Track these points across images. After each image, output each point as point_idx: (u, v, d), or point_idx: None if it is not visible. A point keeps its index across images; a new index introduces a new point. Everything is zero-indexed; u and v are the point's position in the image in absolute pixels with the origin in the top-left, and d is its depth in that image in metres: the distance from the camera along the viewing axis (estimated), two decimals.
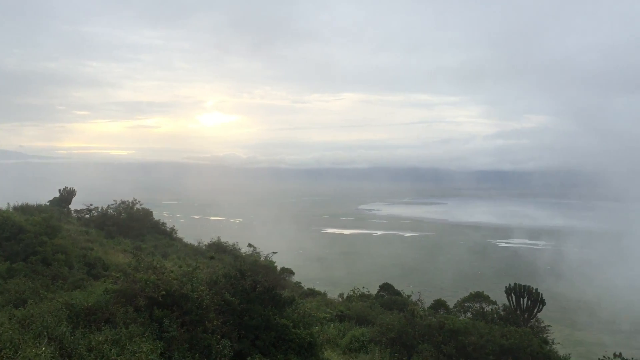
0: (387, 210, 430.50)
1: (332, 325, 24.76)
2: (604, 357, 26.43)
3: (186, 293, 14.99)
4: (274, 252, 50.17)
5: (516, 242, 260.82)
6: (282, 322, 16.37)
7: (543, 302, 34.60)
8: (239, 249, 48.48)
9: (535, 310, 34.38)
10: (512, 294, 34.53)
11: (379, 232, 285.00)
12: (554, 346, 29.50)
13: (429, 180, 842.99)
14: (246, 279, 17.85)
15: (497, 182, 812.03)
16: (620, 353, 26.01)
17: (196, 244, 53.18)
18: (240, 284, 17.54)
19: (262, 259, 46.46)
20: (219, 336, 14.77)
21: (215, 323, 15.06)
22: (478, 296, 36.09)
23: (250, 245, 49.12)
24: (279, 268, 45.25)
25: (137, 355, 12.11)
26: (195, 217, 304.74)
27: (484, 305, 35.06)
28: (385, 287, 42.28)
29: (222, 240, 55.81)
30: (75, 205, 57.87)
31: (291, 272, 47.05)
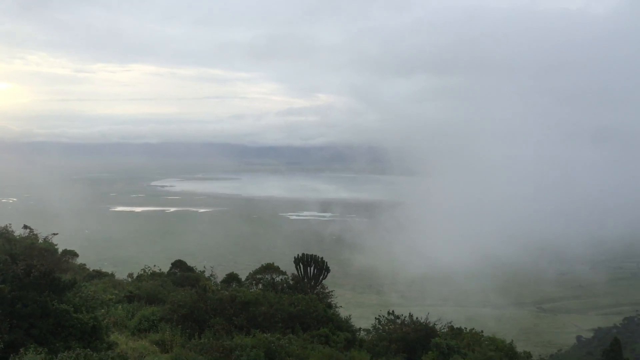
0: (180, 186, 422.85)
1: (120, 306, 23.66)
2: (380, 315, 29.28)
3: None
4: (54, 234, 46.21)
5: (306, 214, 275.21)
6: (62, 307, 15.19)
7: (328, 270, 36.91)
8: (12, 231, 43.63)
9: (321, 277, 36.56)
10: (300, 264, 36.26)
11: (173, 209, 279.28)
12: (337, 309, 31.77)
13: (223, 156, 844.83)
14: (19, 264, 16.23)
15: (288, 157, 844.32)
16: (393, 311, 28.97)
17: None
18: (11, 269, 15.86)
19: (41, 241, 42.62)
20: None
21: None
22: (269, 268, 37.23)
23: (26, 227, 44.64)
24: (60, 250, 41.86)
25: None
26: None
27: (274, 276, 36.29)
28: (178, 264, 41.49)
29: None
30: None
31: (75, 254, 43.73)
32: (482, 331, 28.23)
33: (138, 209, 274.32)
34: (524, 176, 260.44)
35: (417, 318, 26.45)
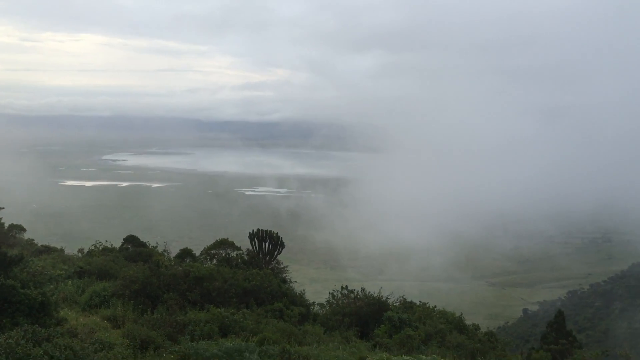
0: (133, 160, 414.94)
1: (69, 282, 23.17)
2: (334, 290, 29.58)
3: None
4: (0, 208, 44.78)
5: (262, 190, 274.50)
6: (8, 283, 14.77)
7: (283, 245, 36.97)
8: None
9: (276, 252, 36.60)
10: (255, 239, 36.17)
11: (125, 184, 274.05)
12: (291, 284, 31.97)
13: (177, 130, 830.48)
14: None
15: (244, 132, 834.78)
16: (346, 285, 29.31)
17: None
18: None
19: None
20: None
21: None
22: (223, 243, 36.97)
23: None
24: (6, 225, 40.58)
25: None
26: None
27: (229, 251, 36.07)
28: (130, 240, 40.76)
29: None
30: None
31: (22, 229, 42.45)
32: (435, 306, 28.88)
33: (89, 184, 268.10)
34: (480, 154, 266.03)
35: (370, 292, 26.86)
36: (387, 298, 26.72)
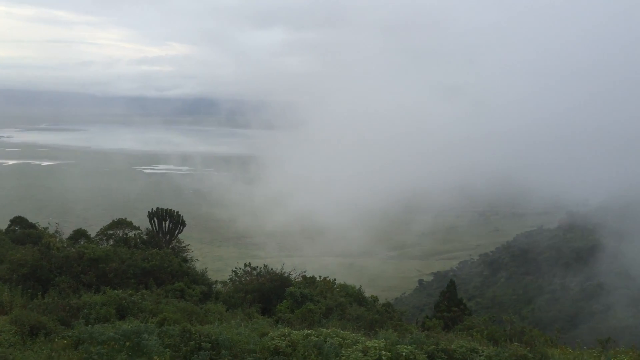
0: (20, 137, 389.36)
1: None
2: (236, 267, 29.59)
3: None
4: None
5: (162, 168, 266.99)
6: None
7: (184, 224, 36.45)
8: None
9: (177, 231, 36.03)
10: (155, 218, 35.39)
11: (11, 162, 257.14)
12: (193, 263, 31.58)
13: (68, 105, 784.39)
14: None
15: (142, 108, 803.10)
16: (249, 263, 29.41)
17: None
18: None
19: None
20: None
21: None
22: (121, 223, 35.87)
23: None
24: None
25: None
26: None
27: (127, 231, 35.08)
28: (18, 221, 38.47)
29: None
30: None
31: None
32: (334, 279, 29.58)
33: None
34: (385, 131, 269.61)
35: (272, 269, 27.08)
36: (289, 274, 27.06)
